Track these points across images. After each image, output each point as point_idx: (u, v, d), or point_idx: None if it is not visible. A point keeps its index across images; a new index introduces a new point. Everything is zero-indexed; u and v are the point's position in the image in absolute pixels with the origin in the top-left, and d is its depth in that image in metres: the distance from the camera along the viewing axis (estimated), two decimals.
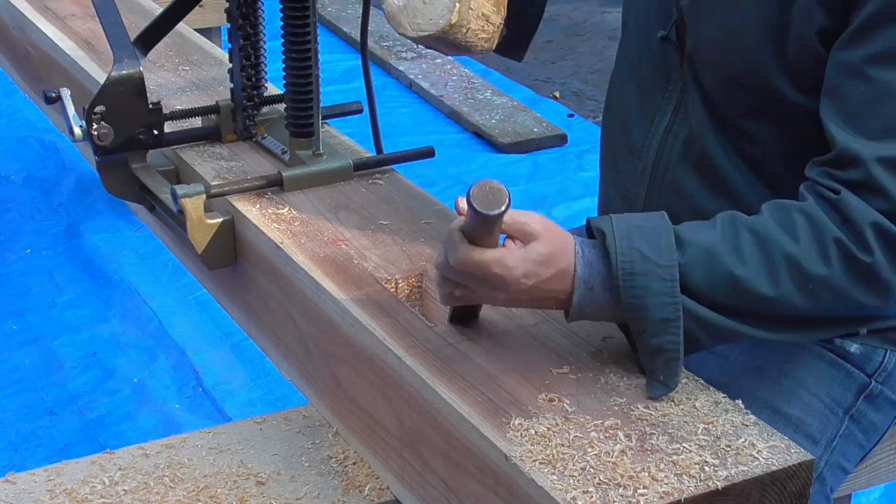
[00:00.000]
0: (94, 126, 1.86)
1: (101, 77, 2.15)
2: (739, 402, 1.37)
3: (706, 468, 1.26)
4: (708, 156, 1.61)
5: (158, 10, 2.30)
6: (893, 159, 1.38)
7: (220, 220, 1.82)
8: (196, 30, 2.63)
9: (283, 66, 1.89)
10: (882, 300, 1.41)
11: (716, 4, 1.57)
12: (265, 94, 2.02)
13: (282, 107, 1.98)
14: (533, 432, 1.31)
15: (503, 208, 1.31)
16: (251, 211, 1.80)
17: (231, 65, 1.98)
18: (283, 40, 1.88)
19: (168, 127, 1.97)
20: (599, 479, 1.25)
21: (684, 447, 1.30)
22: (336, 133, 2.07)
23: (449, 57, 5.01)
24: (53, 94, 1.93)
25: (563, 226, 1.47)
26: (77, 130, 1.87)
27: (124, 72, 1.85)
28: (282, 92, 1.97)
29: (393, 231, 1.75)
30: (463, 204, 1.36)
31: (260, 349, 1.91)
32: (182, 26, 2.22)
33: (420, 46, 2.04)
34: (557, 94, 4.82)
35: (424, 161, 1.97)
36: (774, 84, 1.52)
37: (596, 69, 5.15)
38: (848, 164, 1.40)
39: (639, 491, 1.23)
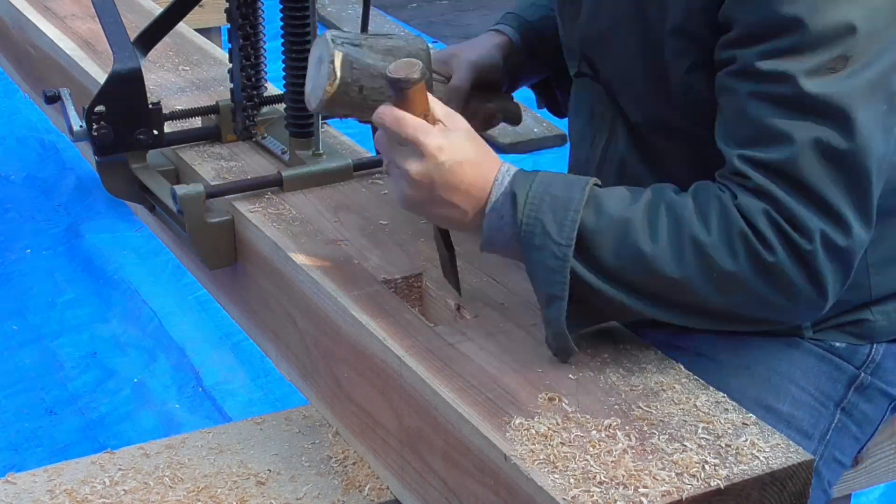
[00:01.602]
0: (94, 126, 1.86)
1: (101, 77, 2.15)
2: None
3: (706, 467, 1.26)
4: (636, 176, 1.63)
5: (158, 10, 2.30)
6: (768, 166, 1.39)
7: (220, 220, 1.82)
8: (196, 30, 2.63)
9: (283, 66, 1.90)
10: (787, 299, 1.41)
11: (603, 48, 1.61)
12: (265, 94, 2.02)
13: (282, 107, 1.98)
14: (533, 432, 1.31)
15: (417, 75, 1.39)
16: (251, 211, 1.80)
17: (231, 65, 1.98)
18: (283, 40, 1.88)
19: (168, 127, 1.97)
20: (600, 479, 1.25)
21: (685, 446, 1.30)
22: (336, 133, 2.07)
23: None
24: (53, 94, 1.93)
25: None
26: (77, 130, 1.87)
27: (124, 72, 1.85)
28: (282, 92, 1.97)
29: (393, 231, 1.75)
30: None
31: (260, 349, 1.91)
32: (182, 26, 2.22)
33: None
34: None
35: None
36: (665, 114, 1.55)
37: None
38: (736, 174, 1.42)
39: (640, 490, 1.23)
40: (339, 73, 1.52)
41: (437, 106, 1.45)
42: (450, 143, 1.43)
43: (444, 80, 1.80)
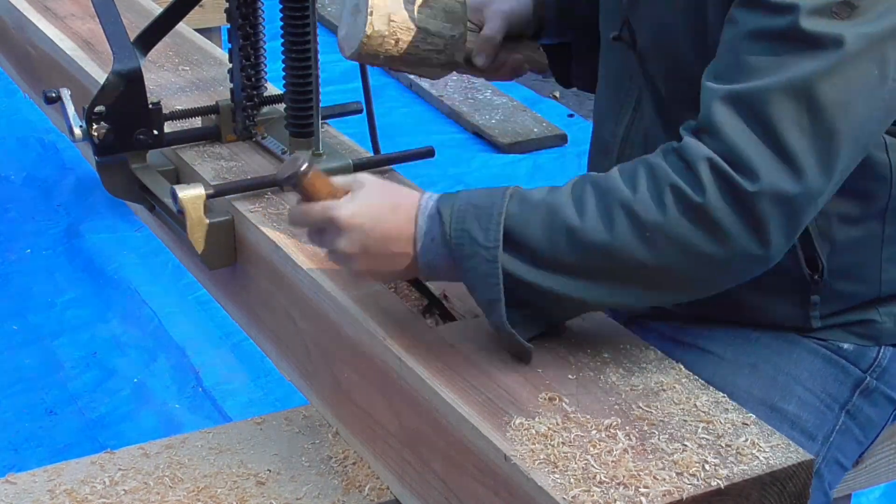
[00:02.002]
0: (94, 126, 1.86)
1: (101, 77, 2.15)
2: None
3: (707, 467, 1.26)
4: None
5: (158, 10, 2.30)
6: (733, 97, 1.36)
7: (220, 220, 1.82)
8: (196, 30, 2.63)
9: (283, 66, 1.89)
10: (720, 247, 1.36)
11: (647, 8, 1.59)
12: (265, 94, 2.02)
13: (282, 107, 1.98)
14: (534, 432, 1.31)
15: (304, 167, 1.44)
16: (251, 211, 1.80)
17: (231, 65, 1.98)
18: (283, 40, 1.88)
19: (168, 127, 1.97)
20: (601, 479, 1.25)
21: (685, 446, 1.30)
22: (336, 133, 2.06)
23: None
24: (53, 94, 1.93)
25: None
26: (77, 130, 1.87)
27: (124, 72, 1.85)
28: (282, 92, 1.97)
29: None
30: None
31: (260, 349, 1.91)
32: (182, 26, 2.22)
33: None
34: (557, 94, 4.81)
35: (424, 161, 1.98)
36: (700, 75, 1.52)
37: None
38: (702, 110, 1.40)
39: (640, 490, 1.23)
40: (375, 26, 1.51)
41: (337, 180, 1.49)
42: (358, 205, 1.45)
43: (477, 29, 1.80)
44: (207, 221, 1.80)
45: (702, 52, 1.50)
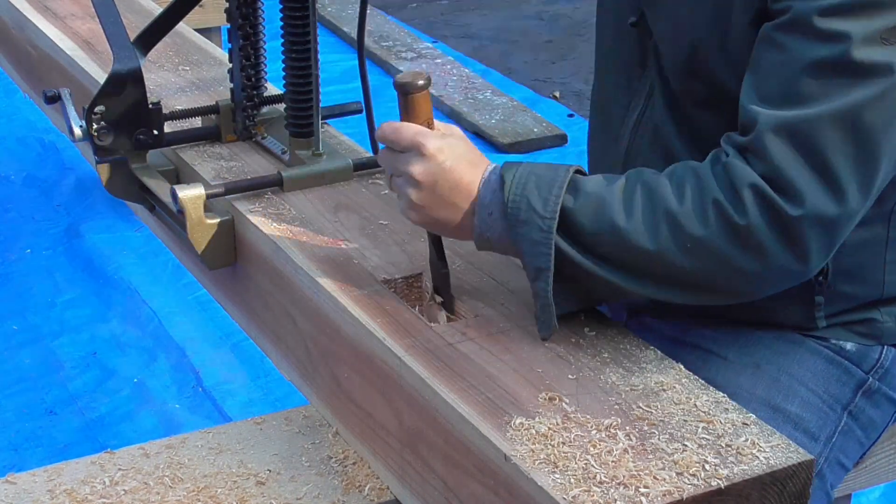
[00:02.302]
0: (94, 126, 1.86)
1: (101, 77, 2.15)
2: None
3: (707, 467, 1.26)
4: (669, 146, 1.62)
5: (158, 10, 2.30)
6: (785, 125, 1.38)
7: (220, 220, 1.82)
8: (196, 30, 2.63)
9: (283, 66, 1.89)
10: (759, 265, 1.40)
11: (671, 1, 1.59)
12: (265, 94, 2.02)
13: (282, 107, 1.98)
14: (534, 432, 1.31)
15: (422, 82, 1.49)
16: (251, 211, 1.80)
17: (231, 65, 1.98)
18: (283, 40, 1.88)
19: (168, 127, 1.97)
20: (601, 479, 1.25)
21: (685, 446, 1.30)
22: (336, 133, 2.07)
23: (449, 57, 5.02)
24: (53, 94, 1.93)
25: None
26: (77, 130, 1.87)
27: (124, 72, 1.85)
28: (282, 92, 1.97)
29: (393, 231, 1.75)
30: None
31: (260, 349, 1.91)
32: (182, 26, 2.22)
33: (420, 46, 2.05)
34: (557, 94, 4.82)
35: None
36: (718, 74, 1.53)
37: None
38: (746, 130, 1.42)
39: (640, 490, 1.23)
40: None
41: (438, 123, 1.52)
42: (448, 144, 1.48)
43: None
44: (207, 221, 1.80)
45: (721, 52, 1.51)
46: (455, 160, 1.47)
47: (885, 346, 1.66)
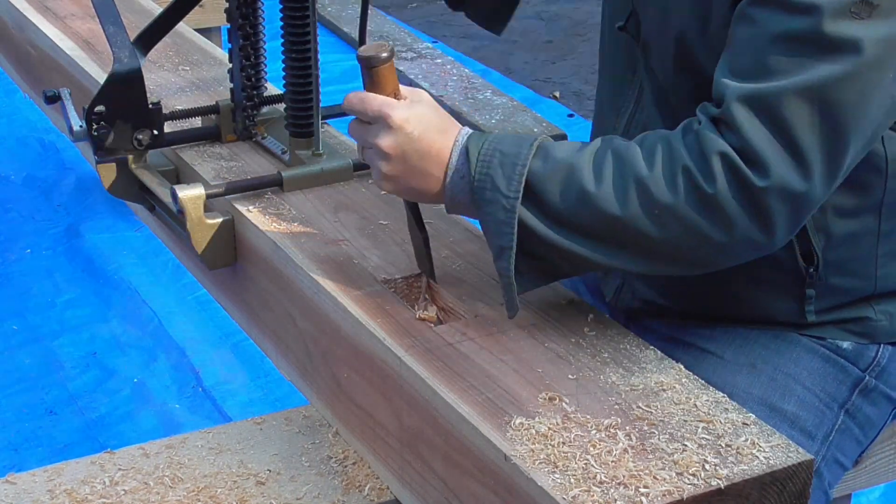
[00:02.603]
0: (94, 126, 1.86)
1: (101, 77, 2.15)
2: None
3: (707, 467, 1.26)
4: None
5: (158, 10, 2.30)
6: (752, 96, 1.39)
7: (220, 220, 1.82)
8: (196, 30, 2.63)
9: (283, 66, 1.89)
10: (725, 234, 1.41)
11: None
12: (265, 94, 2.02)
13: (282, 107, 1.98)
14: (534, 432, 1.31)
15: (385, 54, 1.48)
16: (251, 211, 1.80)
17: (231, 65, 1.98)
18: (283, 40, 1.88)
19: (168, 127, 1.97)
20: (601, 479, 1.25)
21: (685, 446, 1.30)
22: (336, 133, 2.07)
23: (449, 57, 5.02)
24: (53, 94, 1.93)
25: None
26: (77, 130, 1.87)
27: (124, 72, 1.85)
28: (282, 92, 1.97)
29: (393, 231, 1.75)
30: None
31: (260, 349, 1.91)
32: (182, 26, 2.22)
33: (420, 46, 2.05)
34: (557, 94, 4.82)
35: None
36: (703, 65, 1.54)
37: (596, 69, 5.14)
38: (718, 102, 1.43)
39: (640, 490, 1.23)
40: None
41: (404, 89, 1.52)
42: (415, 113, 1.48)
43: None
44: (207, 221, 1.80)
45: (704, 40, 1.52)
46: (423, 129, 1.48)
47: (882, 345, 1.66)
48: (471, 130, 1.51)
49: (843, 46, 1.36)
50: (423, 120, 1.48)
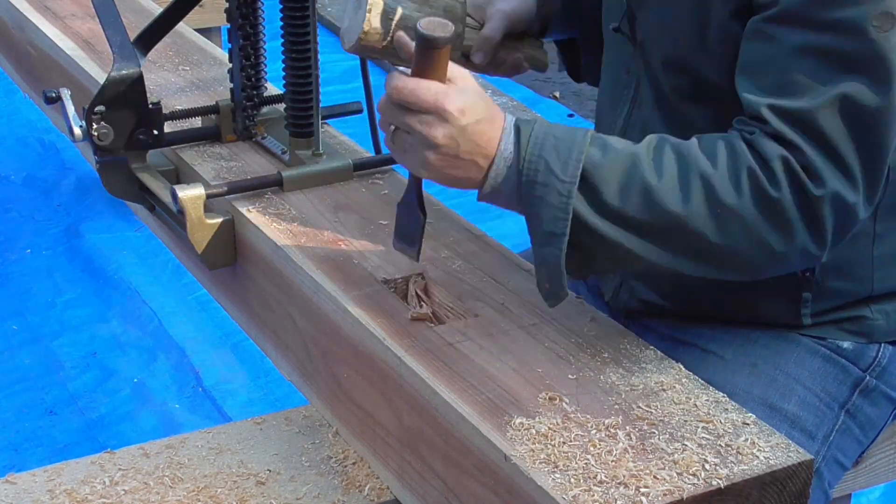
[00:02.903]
0: (94, 126, 1.86)
1: (101, 77, 2.15)
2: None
3: (707, 467, 1.26)
4: None
5: (158, 10, 2.30)
6: (788, 112, 1.39)
7: (220, 220, 1.82)
8: (196, 30, 2.63)
9: (283, 66, 1.89)
10: (784, 240, 1.41)
11: None
12: (265, 94, 2.02)
13: (282, 107, 1.98)
14: (534, 432, 1.31)
15: (448, 35, 1.37)
16: (251, 211, 1.80)
17: (231, 65, 1.98)
18: (283, 40, 1.88)
19: (168, 127, 1.97)
20: (601, 478, 1.25)
21: (685, 446, 1.30)
22: (336, 133, 2.07)
23: None
24: (53, 94, 1.93)
25: None
26: (77, 130, 1.87)
27: (124, 72, 1.85)
28: (282, 92, 1.97)
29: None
30: (409, 45, 1.45)
31: (260, 349, 1.91)
32: (182, 26, 2.22)
33: None
34: (557, 94, 4.82)
35: None
36: (700, 67, 1.54)
37: None
38: (756, 119, 1.42)
39: (640, 490, 1.23)
40: (373, 23, 1.54)
41: (452, 68, 1.45)
42: (468, 103, 1.43)
43: (478, 27, 1.80)
44: (207, 221, 1.80)
45: (701, 44, 1.52)
46: (476, 120, 1.42)
47: (882, 344, 1.66)
48: (514, 116, 1.47)
49: (869, 60, 1.38)
50: (476, 111, 1.43)
